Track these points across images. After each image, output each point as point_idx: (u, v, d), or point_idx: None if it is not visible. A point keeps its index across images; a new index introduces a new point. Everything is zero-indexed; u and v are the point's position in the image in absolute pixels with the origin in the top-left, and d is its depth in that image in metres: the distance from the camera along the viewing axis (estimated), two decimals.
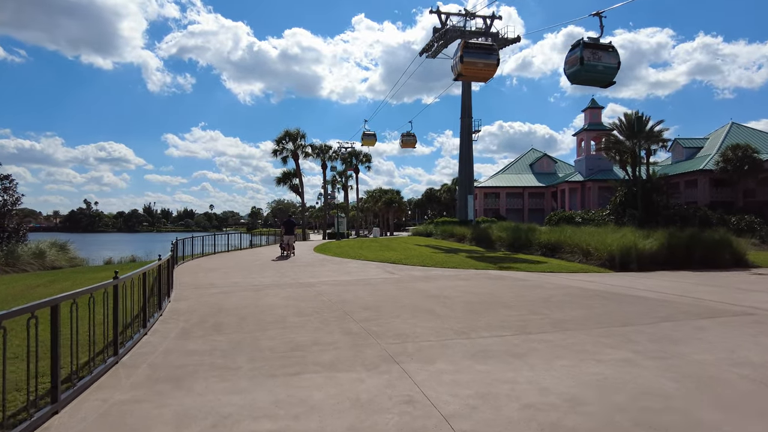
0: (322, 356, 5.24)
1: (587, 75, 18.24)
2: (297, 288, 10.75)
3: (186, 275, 13.35)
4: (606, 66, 18.14)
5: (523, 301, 8.89)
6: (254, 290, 10.46)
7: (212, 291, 10.38)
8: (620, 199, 41.77)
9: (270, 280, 12.16)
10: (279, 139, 42.60)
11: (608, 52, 18.20)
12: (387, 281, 11.85)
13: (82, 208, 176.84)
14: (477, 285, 11.18)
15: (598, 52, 17.93)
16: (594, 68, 17.93)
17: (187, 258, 18.40)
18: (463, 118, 38.68)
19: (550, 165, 65.38)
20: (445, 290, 10.31)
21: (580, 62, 17.73)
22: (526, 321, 7.07)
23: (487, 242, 26.43)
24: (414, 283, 11.56)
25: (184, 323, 7.11)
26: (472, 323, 6.93)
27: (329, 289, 10.46)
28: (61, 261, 18.78)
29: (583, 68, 17.87)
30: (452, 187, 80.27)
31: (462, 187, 38.70)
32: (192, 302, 8.97)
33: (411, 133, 42.58)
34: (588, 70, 17.95)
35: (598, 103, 58.50)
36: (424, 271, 14.15)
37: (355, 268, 15.08)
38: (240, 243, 26.26)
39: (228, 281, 12.05)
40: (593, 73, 18.21)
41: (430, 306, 8.37)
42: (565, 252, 19.58)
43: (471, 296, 9.49)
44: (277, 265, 16.35)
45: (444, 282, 11.74)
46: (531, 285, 11.20)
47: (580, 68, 17.94)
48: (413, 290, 10.30)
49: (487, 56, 21.57)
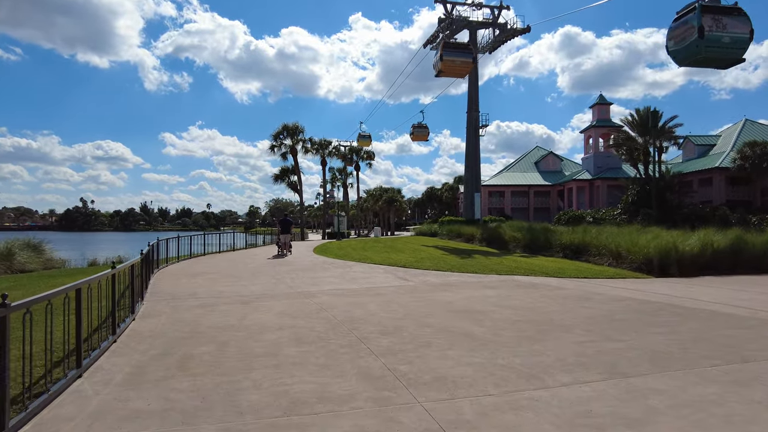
0: (334, 428, 3.37)
1: (708, 52, 13.44)
2: (294, 300, 8.88)
3: (166, 282, 11.47)
4: (734, 37, 13.44)
5: (580, 319, 7.03)
6: (243, 302, 8.59)
7: (191, 303, 8.51)
8: (632, 198, 40.01)
9: (263, 289, 10.28)
10: (276, 134, 40.59)
11: (736, 18, 13.46)
12: (401, 290, 9.98)
13: (78, 207, 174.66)
14: (509, 295, 9.33)
15: (722, 19, 13.31)
16: (718, 41, 13.25)
17: (173, 260, 16.51)
18: (470, 112, 36.80)
19: (556, 163, 63.55)
20: (475, 303, 8.45)
21: (699, 34, 13.11)
22: (606, 353, 5.22)
23: (499, 243, 24.59)
24: (434, 292, 9.70)
25: (140, 356, 5.24)
26: (535, 357, 5.08)
27: (333, 302, 8.59)
28: (34, 263, 16.89)
29: (703, 43, 13.14)
30: (454, 186, 78.49)
31: (468, 185, 36.83)
32: (162, 320, 7.09)
33: (423, 124, 39.51)
34: (710, 45, 13.22)
35: (606, 99, 56.71)
36: (440, 277, 12.30)
37: (361, 273, 13.22)
38: (234, 243, 24.35)
39: (213, 290, 10.17)
40: (716, 49, 13.45)
41: (465, 327, 6.51)
42: (592, 254, 17.79)
43: (510, 312, 7.63)
44: (272, 268, 14.49)
45: (469, 291, 9.88)
46: (575, 296, 9.35)
47: (698, 44, 13.21)
48: (436, 303, 8.43)
49: (463, 55, 23.07)
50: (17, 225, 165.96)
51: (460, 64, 22.66)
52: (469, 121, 36.72)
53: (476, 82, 37.45)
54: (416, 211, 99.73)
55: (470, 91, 37.26)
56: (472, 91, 37.12)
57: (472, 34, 37.29)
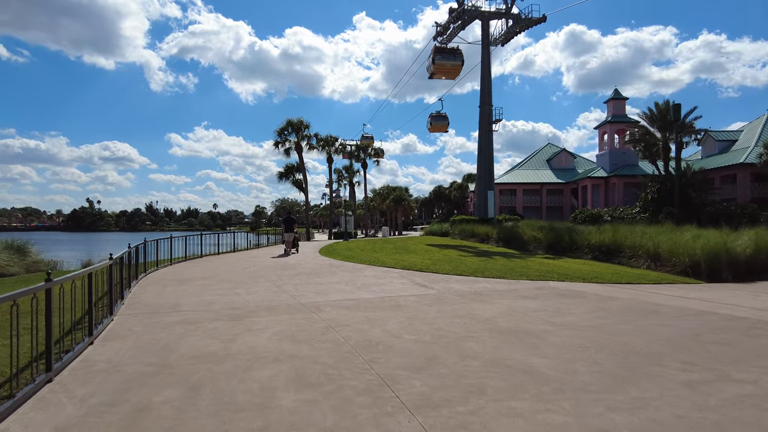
0: None
1: None
2: (297, 314, 7.31)
3: (149, 290, 9.95)
4: None
5: (663, 343, 5.41)
6: (234, 318, 7.03)
7: (171, 319, 6.96)
8: (651, 195, 38.15)
9: (260, 299, 8.72)
10: (281, 130, 38.95)
11: None
12: (424, 301, 8.39)
13: (85, 207, 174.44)
14: (558, 308, 7.71)
15: None
16: None
17: (164, 263, 15.01)
18: (482, 106, 35.05)
19: (569, 160, 61.68)
20: (520, 319, 6.85)
21: None
22: (737, 403, 3.61)
23: (518, 243, 22.94)
24: (464, 304, 8.10)
25: (75, 408, 3.69)
26: (641, 412, 3.47)
27: (344, 317, 7.01)
28: (15, 267, 15.46)
29: None
30: (463, 185, 76.71)
31: (481, 182, 35.13)
32: (127, 344, 5.56)
33: (442, 114, 35.93)
34: None
35: (621, 94, 54.79)
36: (465, 283, 10.69)
37: (374, 278, 11.64)
38: (236, 243, 22.85)
39: (202, 300, 8.63)
40: None
41: (522, 358, 4.91)
42: (625, 256, 16.14)
43: (570, 333, 6.03)
44: (273, 272, 12.95)
45: (505, 302, 8.27)
46: (636, 309, 7.72)
47: None
48: (471, 319, 6.83)
49: (453, 59, 25.49)
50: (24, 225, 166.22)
51: (450, 66, 24.60)
52: (481, 115, 35.00)
53: (489, 75, 35.67)
54: (423, 211, 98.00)
55: (483, 84, 35.52)
56: (484, 85, 35.37)
57: (484, 25, 35.60)
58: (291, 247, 21.19)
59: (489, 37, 35.72)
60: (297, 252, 21.34)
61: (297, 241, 22.47)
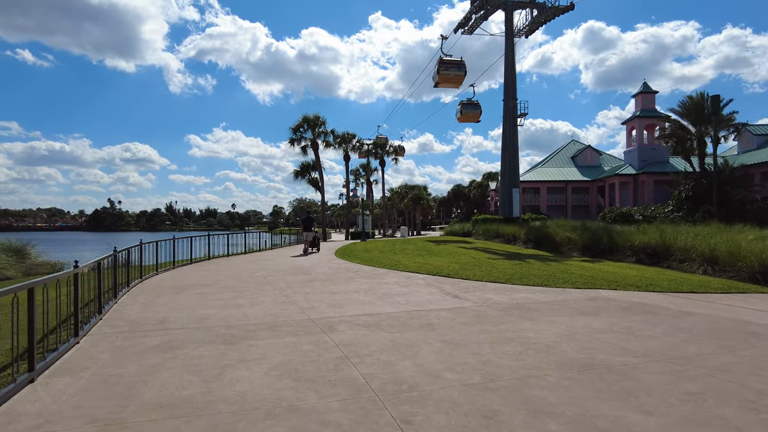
0: None
1: None
2: (304, 336, 5.91)
3: (141, 299, 8.67)
4: None
5: None
6: (226, 342, 5.66)
7: (149, 342, 5.63)
8: (686, 193, 35.92)
9: (263, 312, 7.36)
10: (296, 127, 37.67)
11: None
12: (460, 317, 6.92)
13: (106, 208, 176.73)
14: (628, 328, 6.17)
15: None
16: None
17: (165, 267, 13.79)
18: (506, 100, 33.30)
19: (594, 157, 59.33)
20: (585, 344, 5.34)
21: None
22: None
23: (550, 244, 21.28)
24: (511, 322, 6.60)
25: None
26: None
27: (364, 342, 5.59)
28: (11, 270, 14.44)
29: None
30: (483, 183, 74.80)
31: (505, 180, 33.37)
32: (78, 384, 4.22)
33: (473, 101, 32.24)
34: None
35: (650, 87, 52.35)
36: (503, 293, 9.18)
37: (396, 285, 10.20)
38: (248, 244, 21.64)
39: (195, 314, 7.30)
40: None
41: (618, 417, 3.41)
42: (676, 259, 14.44)
43: (661, 369, 4.50)
44: (283, 278, 11.61)
45: (561, 319, 6.75)
46: (725, 329, 6.13)
47: None
48: (526, 347, 5.34)
49: (457, 69, 27.13)
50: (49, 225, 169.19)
51: (453, 76, 26.85)
52: (505, 109, 33.24)
53: (513, 67, 33.92)
54: (441, 210, 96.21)
55: (506, 76, 33.79)
56: (508, 77, 33.64)
57: (507, 15, 33.89)
58: (311, 247, 21.03)
59: (513, 28, 34.00)
60: (317, 251, 21.07)
61: (317, 240, 22.15)
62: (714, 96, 35.11)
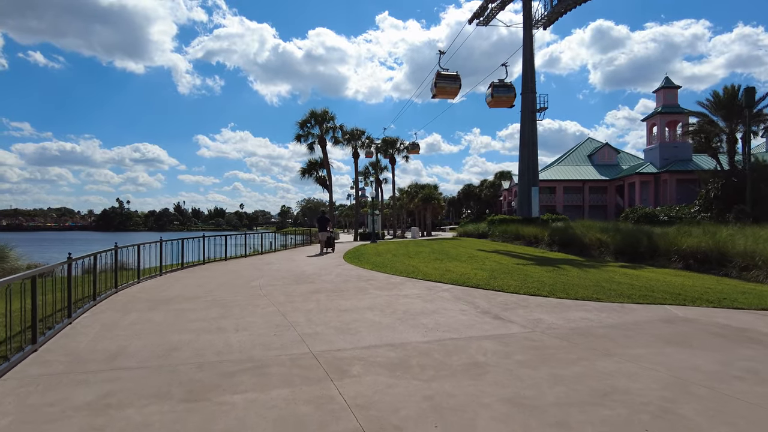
0: None
1: None
2: (302, 386, 4.19)
3: (103, 318, 6.99)
4: None
5: None
6: (189, 393, 3.96)
7: (78, 398, 3.94)
8: (714, 192, 33.76)
9: (251, 340, 5.65)
10: (303, 122, 35.94)
11: None
12: (514, 352, 5.17)
13: (115, 208, 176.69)
14: (745, 370, 4.39)
15: None
16: None
17: (151, 272, 12.16)
18: (525, 93, 31.45)
19: (612, 156, 57.18)
20: (709, 403, 3.58)
21: None
22: None
23: (578, 247, 19.46)
24: (586, 361, 4.84)
25: None
26: None
27: (388, 400, 3.86)
28: None
29: None
30: (496, 182, 72.85)
31: (524, 178, 31.50)
32: None
33: (507, 83, 28.75)
34: None
35: (672, 82, 50.13)
36: (553, 311, 7.40)
37: (419, 299, 8.46)
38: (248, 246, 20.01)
39: (164, 342, 5.61)
40: None
41: None
42: (736, 266, 12.60)
43: None
44: (284, 287, 9.92)
45: (650, 355, 4.98)
46: None
47: None
48: (633, 409, 3.59)
49: (453, 83, 27.89)
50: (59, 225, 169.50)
51: (449, 89, 27.98)
52: (524, 103, 31.37)
53: (531, 59, 32.07)
54: (450, 211, 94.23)
55: (525, 69, 31.96)
56: (527, 70, 31.80)
57: (526, 5, 32.08)
58: (326, 247, 20.95)
59: (531, 18, 32.18)
60: (333, 251, 20.88)
61: (332, 240, 21.65)
62: (749, 88, 32.99)
